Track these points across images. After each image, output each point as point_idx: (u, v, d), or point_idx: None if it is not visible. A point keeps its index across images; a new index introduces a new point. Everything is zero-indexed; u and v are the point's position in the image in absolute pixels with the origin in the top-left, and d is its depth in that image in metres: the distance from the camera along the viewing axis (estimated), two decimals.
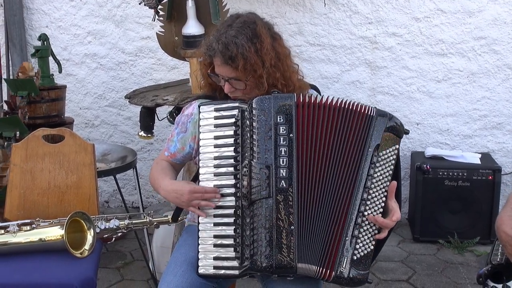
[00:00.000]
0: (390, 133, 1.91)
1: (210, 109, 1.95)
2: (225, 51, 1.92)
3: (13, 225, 2.32)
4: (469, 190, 3.67)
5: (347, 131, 1.90)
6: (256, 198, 1.82)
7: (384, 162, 1.90)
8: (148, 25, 4.11)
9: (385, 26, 3.96)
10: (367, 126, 1.90)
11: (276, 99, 1.88)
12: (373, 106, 1.94)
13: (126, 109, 4.30)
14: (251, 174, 1.83)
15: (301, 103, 1.89)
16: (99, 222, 2.42)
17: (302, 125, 1.87)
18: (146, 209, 3.99)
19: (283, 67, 2.00)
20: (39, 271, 2.22)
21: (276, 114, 1.86)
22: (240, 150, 1.88)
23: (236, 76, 1.96)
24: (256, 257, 1.80)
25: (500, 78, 3.92)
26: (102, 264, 3.43)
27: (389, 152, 1.91)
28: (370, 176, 1.88)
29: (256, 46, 1.93)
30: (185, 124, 2.15)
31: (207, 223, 1.91)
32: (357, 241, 1.86)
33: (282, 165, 1.83)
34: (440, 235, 3.76)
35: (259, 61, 1.93)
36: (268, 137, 1.84)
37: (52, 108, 3.57)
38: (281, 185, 1.82)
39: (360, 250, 1.87)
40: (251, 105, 1.87)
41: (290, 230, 1.81)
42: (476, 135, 4.02)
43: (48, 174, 2.56)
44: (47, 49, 3.64)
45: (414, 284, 3.31)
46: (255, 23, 1.97)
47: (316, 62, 4.06)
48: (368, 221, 1.88)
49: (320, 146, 1.88)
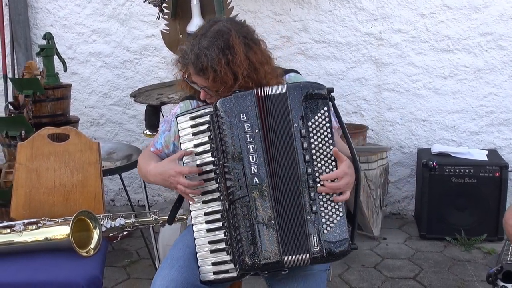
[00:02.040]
0: (311, 100, 1.87)
1: (186, 118, 1.98)
2: (197, 62, 1.94)
3: (19, 224, 2.33)
4: (476, 187, 3.65)
5: (277, 115, 1.88)
6: (234, 199, 1.84)
7: (317, 130, 1.86)
8: (153, 23, 4.11)
9: (390, 23, 3.94)
10: (284, 104, 1.87)
11: (237, 98, 1.88)
12: (286, 84, 1.91)
13: (131, 107, 4.30)
14: (225, 176, 1.86)
15: (260, 97, 1.88)
16: (104, 220, 2.42)
17: (266, 119, 1.87)
18: (151, 207, 3.99)
19: (258, 76, 1.98)
20: (45, 270, 2.22)
21: (239, 113, 1.87)
22: (216, 154, 1.91)
23: (208, 86, 1.98)
24: (242, 257, 1.82)
25: (506, 74, 3.90)
26: (108, 262, 3.43)
27: (319, 118, 1.86)
28: (306, 150, 1.84)
29: (227, 58, 1.92)
30: (169, 123, 2.18)
31: (201, 230, 1.95)
32: (321, 215, 1.82)
33: (253, 161, 1.84)
34: (447, 232, 3.74)
35: (229, 73, 1.93)
36: (235, 136, 1.85)
37: (57, 107, 3.58)
38: (255, 181, 1.83)
39: (329, 222, 1.82)
40: (216, 108, 1.89)
41: (271, 225, 1.81)
42: (483, 131, 4.00)
43: (54, 173, 2.56)
44: (52, 48, 3.65)
45: (421, 281, 3.29)
46: (229, 33, 1.95)
47: (321, 59, 4.05)
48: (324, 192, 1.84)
49: (275, 136, 1.87)
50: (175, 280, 1.91)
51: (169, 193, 4.38)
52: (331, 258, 1.82)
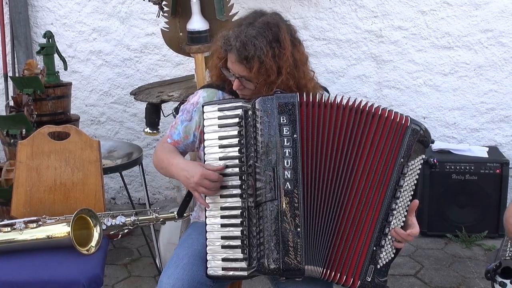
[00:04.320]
0: (419, 144, 1.88)
1: (213, 109, 1.92)
2: (242, 50, 1.89)
3: (19, 223, 2.33)
4: (477, 184, 3.65)
5: (368, 134, 1.87)
6: (261, 201, 1.80)
7: (411, 173, 1.88)
8: (153, 21, 4.10)
9: (390, 20, 3.94)
10: (400, 135, 1.86)
11: (279, 99, 1.84)
12: (406, 115, 1.89)
13: (132, 105, 4.30)
14: (255, 176, 1.81)
15: (304, 102, 1.85)
16: (105, 219, 2.42)
17: (307, 125, 1.84)
18: (152, 205, 3.99)
19: (299, 74, 1.96)
20: (46, 268, 2.23)
21: (279, 114, 1.82)
22: (244, 151, 1.86)
23: (248, 77, 1.94)
24: (263, 260, 1.79)
25: (507, 71, 3.89)
26: (109, 260, 3.44)
27: (416, 163, 1.88)
28: (400, 186, 1.85)
29: (274, 51, 1.90)
30: (190, 113, 2.12)
31: (214, 224, 1.90)
32: (382, 249, 1.86)
33: (287, 166, 1.80)
34: (448, 229, 3.74)
35: (274, 66, 1.90)
36: (271, 138, 1.81)
37: (57, 105, 3.58)
38: (286, 187, 1.79)
39: (384, 259, 1.87)
40: (254, 106, 1.84)
41: (297, 232, 1.78)
42: (484, 128, 4.00)
43: (54, 171, 2.57)
44: (52, 46, 3.65)
45: (422, 278, 3.30)
46: (278, 27, 1.93)
47: (322, 57, 4.05)
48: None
49: (327, 146, 1.85)
50: (181, 279, 1.90)
51: (170, 191, 4.38)
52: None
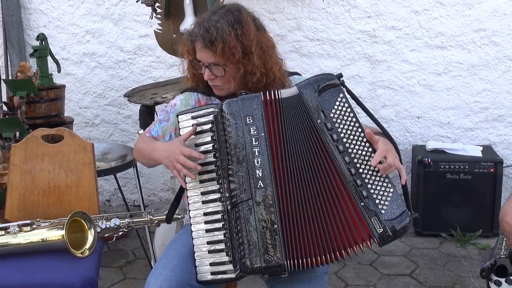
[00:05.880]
0: (324, 92, 1.88)
1: (187, 117, 1.97)
2: (206, 35, 1.95)
3: (13, 226, 2.32)
4: (471, 183, 3.66)
5: (294, 117, 1.88)
6: (237, 202, 1.83)
7: (341, 118, 1.86)
8: (146, 23, 4.10)
9: (384, 20, 3.94)
10: (301, 104, 1.87)
11: (244, 100, 1.89)
12: (296, 85, 1.91)
13: (126, 107, 4.29)
14: (229, 178, 1.85)
15: (268, 100, 1.89)
16: (99, 221, 2.41)
17: (273, 122, 1.87)
18: (147, 207, 3.99)
19: (265, 56, 2.01)
20: (40, 272, 2.22)
21: (245, 116, 1.87)
22: (218, 155, 1.90)
23: (215, 61, 1.97)
24: (244, 259, 1.81)
25: (500, 70, 3.91)
26: (104, 263, 3.44)
27: (338, 106, 1.87)
28: (337, 141, 1.84)
29: (237, 31, 1.95)
30: (168, 114, 2.18)
31: (199, 230, 1.94)
32: (372, 197, 1.81)
33: (257, 165, 1.83)
34: (443, 228, 3.75)
35: (238, 45, 1.95)
36: (240, 139, 1.85)
37: (51, 108, 3.57)
38: (259, 185, 1.82)
39: (383, 201, 1.82)
40: (221, 109, 1.89)
41: (274, 229, 1.80)
42: (477, 127, 4.01)
43: (48, 174, 2.56)
44: (45, 48, 3.64)
45: (417, 278, 3.30)
46: (239, 11, 2.00)
47: (316, 57, 4.05)
48: (369, 174, 1.82)
49: (287, 139, 1.87)
50: (169, 280, 1.90)
51: (165, 193, 4.38)
52: (398, 234, 1.83)
